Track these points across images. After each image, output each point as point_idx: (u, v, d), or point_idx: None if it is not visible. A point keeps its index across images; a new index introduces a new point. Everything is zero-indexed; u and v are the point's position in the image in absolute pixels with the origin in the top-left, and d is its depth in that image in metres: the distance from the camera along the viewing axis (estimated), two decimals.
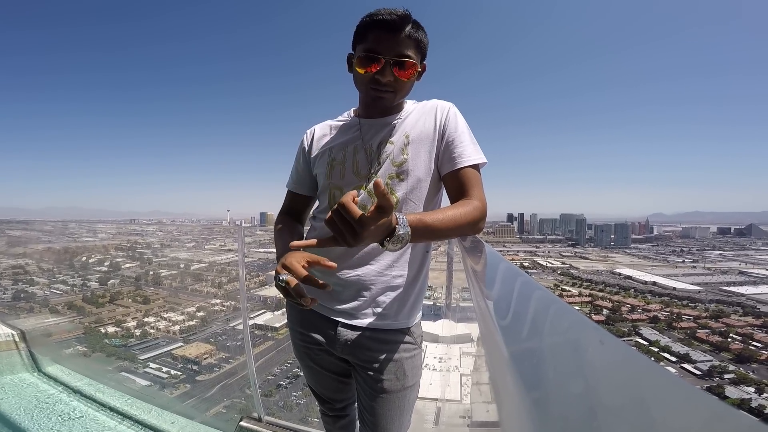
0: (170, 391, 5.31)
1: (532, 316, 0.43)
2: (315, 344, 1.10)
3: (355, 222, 0.67)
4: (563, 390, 0.26)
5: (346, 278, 1.03)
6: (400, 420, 1.10)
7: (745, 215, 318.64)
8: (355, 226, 0.68)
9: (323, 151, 1.12)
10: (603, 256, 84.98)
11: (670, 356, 35.20)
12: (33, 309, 4.61)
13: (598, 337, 0.29)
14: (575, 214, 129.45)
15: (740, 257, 79.53)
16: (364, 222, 0.67)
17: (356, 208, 0.68)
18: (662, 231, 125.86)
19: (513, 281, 0.57)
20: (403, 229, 0.75)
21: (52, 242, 5.11)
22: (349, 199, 0.68)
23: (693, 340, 38.79)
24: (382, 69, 0.95)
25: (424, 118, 1.06)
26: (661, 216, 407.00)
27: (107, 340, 5.60)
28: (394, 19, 0.93)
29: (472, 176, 0.99)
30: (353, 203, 0.68)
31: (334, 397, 1.24)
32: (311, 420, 4.76)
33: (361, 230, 0.68)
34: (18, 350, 3.04)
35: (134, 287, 6.48)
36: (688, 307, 47.99)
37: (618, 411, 0.22)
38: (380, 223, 0.69)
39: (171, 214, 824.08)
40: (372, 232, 0.69)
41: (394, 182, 1.01)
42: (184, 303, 6.94)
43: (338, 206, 0.68)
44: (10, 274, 4.79)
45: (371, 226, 0.68)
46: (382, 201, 0.67)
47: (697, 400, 0.20)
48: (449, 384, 2.48)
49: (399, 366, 1.05)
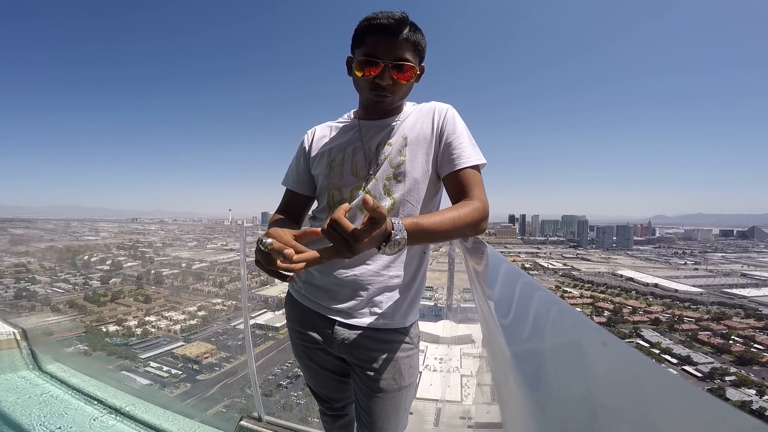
0: (170, 390, 5.32)
1: (534, 317, 0.43)
2: (313, 343, 1.11)
3: (348, 236, 0.69)
4: (566, 391, 0.26)
5: (343, 278, 1.03)
6: (396, 419, 1.11)
7: (748, 217, 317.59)
8: (349, 240, 0.69)
9: (323, 151, 1.12)
10: (605, 258, 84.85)
11: (672, 358, 35.12)
12: (34, 307, 4.63)
13: (601, 339, 0.29)
14: (577, 215, 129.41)
15: (743, 259, 79.29)
16: (357, 236, 0.69)
17: (348, 223, 0.69)
18: (664, 233, 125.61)
19: (515, 282, 0.57)
20: (400, 234, 0.75)
21: (54, 241, 5.13)
22: (341, 215, 0.69)
23: (694, 342, 38.70)
24: (381, 73, 0.96)
25: (422, 120, 1.07)
26: (663, 218, 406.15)
27: (108, 339, 5.61)
28: (392, 22, 0.94)
29: (473, 177, 0.99)
30: (344, 218, 0.70)
31: (333, 397, 1.25)
32: (311, 420, 4.76)
33: (354, 243, 0.69)
34: (19, 348, 3.06)
35: (136, 286, 6.49)
36: (690, 309, 47.88)
37: (621, 412, 0.22)
38: (375, 233, 0.71)
39: (173, 213, 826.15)
40: (367, 243, 0.71)
41: (391, 183, 1.02)
42: (186, 302, 6.95)
43: (331, 222, 0.69)
44: (12, 272, 4.81)
45: (365, 239, 0.69)
46: (374, 214, 0.68)
47: (700, 401, 0.20)
48: (449, 385, 2.48)
49: (396, 366, 1.06)
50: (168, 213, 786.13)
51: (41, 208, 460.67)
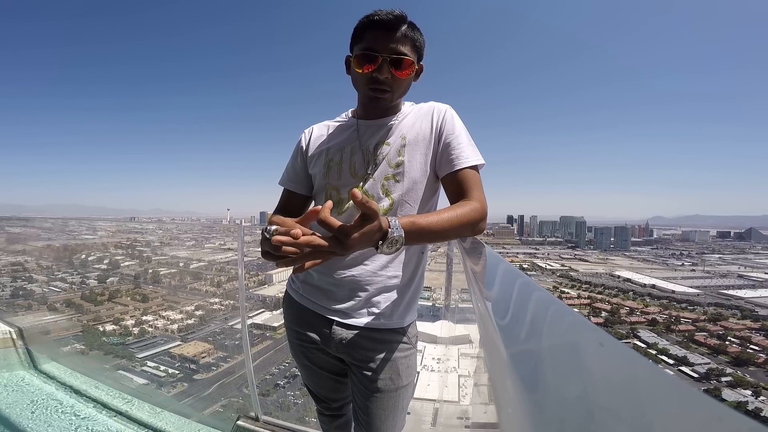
0: (167, 389, 5.30)
1: (532, 317, 0.43)
2: (310, 343, 1.11)
3: (337, 232, 0.69)
4: (563, 391, 0.26)
5: (341, 278, 1.03)
6: (393, 419, 1.11)
7: (745, 219, 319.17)
8: (339, 236, 0.69)
9: (320, 151, 1.12)
10: (602, 259, 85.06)
11: (668, 359, 35.24)
12: (31, 306, 4.60)
13: (598, 339, 0.29)
14: (575, 216, 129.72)
15: (739, 261, 79.63)
16: (345, 231, 0.68)
17: (334, 221, 0.68)
18: (662, 234, 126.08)
19: (512, 282, 0.57)
20: (397, 231, 0.75)
21: (51, 239, 5.11)
22: (326, 214, 0.68)
23: (691, 343, 38.84)
24: (379, 67, 0.96)
25: (420, 120, 1.07)
26: (661, 219, 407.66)
27: (105, 338, 5.58)
28: (391, 18, 0.96)
29: (471, 177, 0.99)
30: (330, 216, 0.69)
31: (330, 397, 1.25)
32: (309, 420, 4.75)
33: (345, 239, 0.69)
34: (15, 347, 3.04)
35: (133, 285, 6.47)
36: (687, 310, 48.03)
37: (617, 413, 0.22)
38: (366, 229, 0.70)
39: (171, 213, 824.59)
40: (358, 239, 0.70)
41: (390, 183, 1.02)
42: (183, 301, 6.93)
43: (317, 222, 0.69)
44: (9, 271, 4.78)
45: (354, 234, 0.69)
46: (363, 209, 0.68)
47: (696, 402, 0.20)
48: (447, 385, 2.48)
49: (393, 366, 1.06)
50: (167, 212, 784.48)
51: (41, 207, 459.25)
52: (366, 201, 0.68)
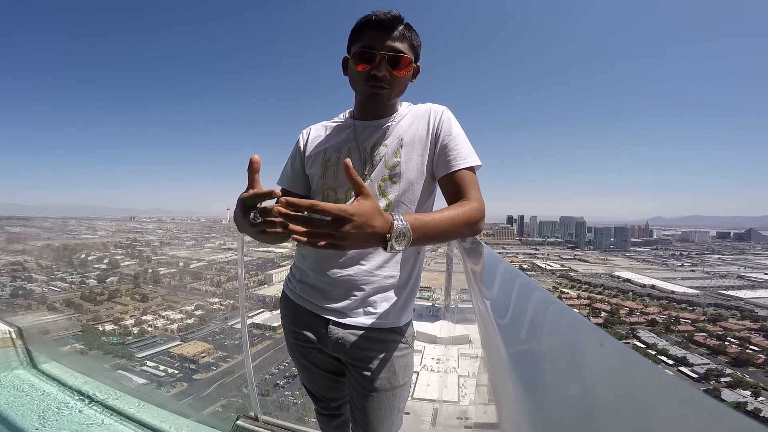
0: (167, 389, 5.31)
1: (532, 317, 0.43)
2: (307, 342, 1.11)
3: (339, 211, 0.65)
4: (563, 391, 0.26)
5: (337, 277, 1.03)
6: (390, 419, 1.11)
7: (745, 219, 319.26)
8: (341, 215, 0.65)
9: (318, 151, 1.12)
10: (602, 259, 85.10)
11: (668, 359, 35.25)
12: (31, 306, 4.60)
13: (598, 339, 0.29)
14: (575, 216, 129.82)
15: (739, 261, 79.67)
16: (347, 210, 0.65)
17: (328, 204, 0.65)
18: (662, 234, 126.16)
19: (512, 282, 0.57)
20: (401, 222, 0.73)
21: (51, 239, 5.10)
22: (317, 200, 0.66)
23: (690, 344, 38.84)
24: (377, 64, 0.97)
25: (417, 121, 1.07)
26: (661, 220, 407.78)
27: (105, 338, 5.58)
28: (388, 18, 0.97)
29: (469, 178, 0.99)
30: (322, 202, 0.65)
31: (328, 396, 1.25)
32: (308, 420, 4.75)
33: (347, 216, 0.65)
34: (14, 347, 3.03)
35: (133, 285, 6.47)
36: (687, 311, 48.05)
37: (617, 412, 0.22)
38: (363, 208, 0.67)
39: (171, 212, 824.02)
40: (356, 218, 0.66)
41: (386, 184, 1.02)
42: (183, 301, 6.93)
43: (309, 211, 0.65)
44: (8, 270, 4.78)
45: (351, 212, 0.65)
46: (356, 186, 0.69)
47: (696, 402, 0.20)
48: (446, 385, 2.48)
49: (390, 365, 1.06)
50: (167, 212, 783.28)
51: (41, 206, 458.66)
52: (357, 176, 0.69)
